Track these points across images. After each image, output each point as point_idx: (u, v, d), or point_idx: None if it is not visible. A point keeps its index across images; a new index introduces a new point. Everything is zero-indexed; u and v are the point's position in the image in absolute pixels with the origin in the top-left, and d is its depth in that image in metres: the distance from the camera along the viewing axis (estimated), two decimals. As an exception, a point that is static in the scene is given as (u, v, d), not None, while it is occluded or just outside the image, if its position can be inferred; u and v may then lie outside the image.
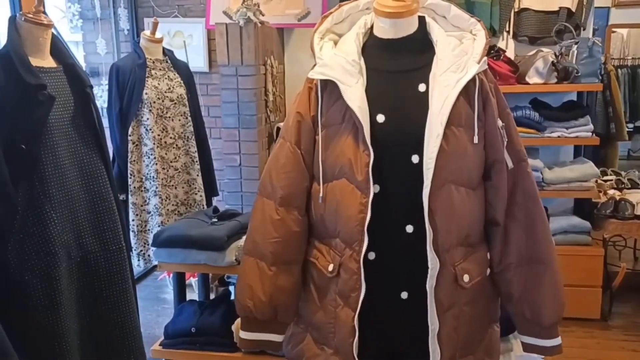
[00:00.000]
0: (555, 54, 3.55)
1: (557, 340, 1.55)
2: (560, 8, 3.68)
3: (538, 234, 1.51)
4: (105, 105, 3.11)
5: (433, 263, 1.41)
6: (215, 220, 2.65)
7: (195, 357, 2.56)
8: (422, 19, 1.50)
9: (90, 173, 1.95)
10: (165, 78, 3.01)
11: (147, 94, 2.90)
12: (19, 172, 1.74)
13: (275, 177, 1.53)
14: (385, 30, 1.48)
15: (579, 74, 3.50)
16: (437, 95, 1.41)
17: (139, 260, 2.99)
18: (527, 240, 1.51)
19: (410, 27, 1.48)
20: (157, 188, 2.96)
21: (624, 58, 6.53)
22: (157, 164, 2.95)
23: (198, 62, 4.15)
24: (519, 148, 1.50)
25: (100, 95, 3.99)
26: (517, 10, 3.74)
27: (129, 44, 4.22)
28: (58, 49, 1.93)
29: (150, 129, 2.92)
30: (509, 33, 3.78)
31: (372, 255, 1.44)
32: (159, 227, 2.96)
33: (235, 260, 2.48)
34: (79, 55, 4.21)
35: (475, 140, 1.42)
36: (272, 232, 1.53)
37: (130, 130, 2.90)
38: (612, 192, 3.74)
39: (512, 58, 3.64)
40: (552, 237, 1.54)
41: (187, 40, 4.16)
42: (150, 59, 2.98)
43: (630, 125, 6.01)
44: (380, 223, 1.42)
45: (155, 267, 3.04)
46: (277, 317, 1.58)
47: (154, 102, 2.92)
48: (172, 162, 3.04)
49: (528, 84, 3.51)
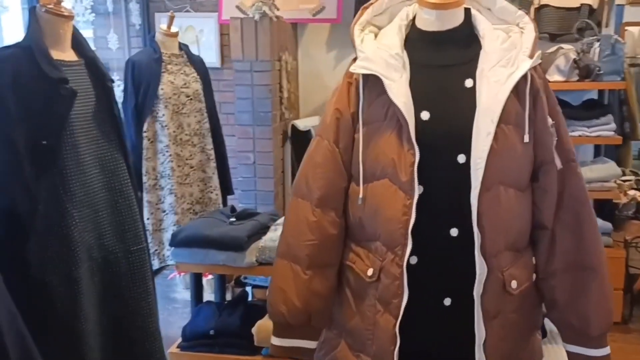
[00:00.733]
0: (577, 51, 3.47)
1: (605, 350, 1.48)
2: (582, 5, 3.61)
3: (586, 239, 1.43)
4: (120, 101, 3.04)
5: (481, 268, 1.34)
6: (234, 220, 2.59)
7: (214, 360, 2.49)
8: (467, 11, 1.43)
9: (112, 170, 1.88)
10: (181, 73, 2.94)
11: (162, 90, 2.83)
12: (40, 169, 1.67)
13: (312, 176, 1.46)
14: (430, 22, 1.41)
15: (601, 72, 3.43)
16: (486, 91, 1.33)
17: (154, 260, 2.91)
18: (574, 246, 1.43)
19: (456, 19, 1.41)
20: (172, 186, 2.89)
21: (636, 57, 6.45)
22: (172, 162, 2.88)
23: (210, 57, 4.07)
24: (569, 147, 1.43)
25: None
26: (537, 7, 3.67)
27: (140, 39, 4.16)
28: (78, 42, 1.86)
29: (166, 126, 2.85)
30: (529, 30, 3.70)
31: (414, 260, 1.37)
32: (174, 226, 2.90)
33: (256, 261, 2.41)
34: (89, 51, 4.13)
35: (526, 139, 1.35)
36: (307, 234, 1.46)
37: (146, 127, 2.83)
38: (632, 192, 3.66)
39: (532, 55, 3.55)
40: (602, 242, 1.47)
41: (198, 35, 4.09)
42: (166, 54, 2.91)
43: (642, 125, 5.95)
44: (424, 226, 1.35)
45: (165, 266, 2.98)
46: (310, 322, 1.51)
47: (170, 97, 2.85)
48: (187, 159, 2.97)
49: (549, 82, 3.43)
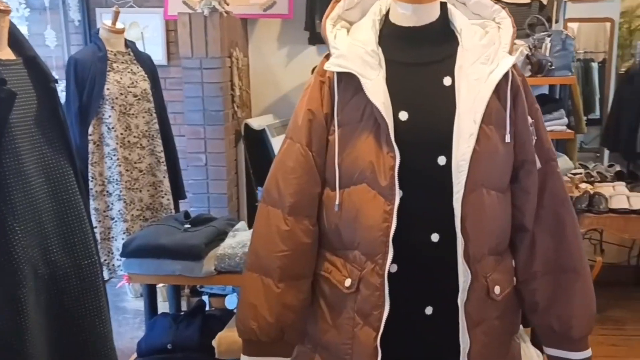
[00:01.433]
0: (529, 47, 3.50)
1: (587, 353, 1.44)
2: (532, 0, 3.64)
3: (567, 240, 1.39)
4: (62, 102, 2.84)
5: (465, 275, 1.27)
6: (189, 227, 2.45)
7: (172, 375, 2.36)
8: (443, 5, 1.36)
9: (58, 179, 1.72)
10: (128, 72, 2.78)
11: (108, 89, 2.66)
12: (-25, 180, 1.50)
13: (283, 182, 1.36)
14: (406, 17, 1.33)
15: (553, 67, 3.46)
16: (466, 90, 1.27)
17: (103, 271, 2.74)
18: (555, 247, 1.39)
19: (433, 14, 1.34)
20: (120, 192, 2.73)
21: (576, 52, 6.63)
22: (120, 166, 2.72)
23: (156, 54, 3.88)
24: (548, 146, 1.39)
25: (53, 92, 3.69)
26: (488, 2, 3.66)
27: (81, 36, 3.95)
28: (17, 40, 1.69)
29: (113, 128, 2.69)
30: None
31: (393, 268, 1.30)
32: (124, 234, 2.73)
33: (214, 270, 2.29)
34: (25, 48, 3.88)
35: (507, 139, 1.29)
36: (279, 244, 1.36)
37: (91, 129, 2.66)
38: (584, 185, 3.73)
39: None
40: (582, 243, 1.43)
41: (143, 32, 3.91)
42: (112, 52, 2.74)
43: (584, 118, 6.12)
44: (403, 232, 1.27)
45: (113, 274, 2.82)
46: (283, 338, 1.42)
47: (117, 97, 2.69)
48: (136, 163, 2.81)
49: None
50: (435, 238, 1.29)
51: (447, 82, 1.30)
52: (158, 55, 3.95)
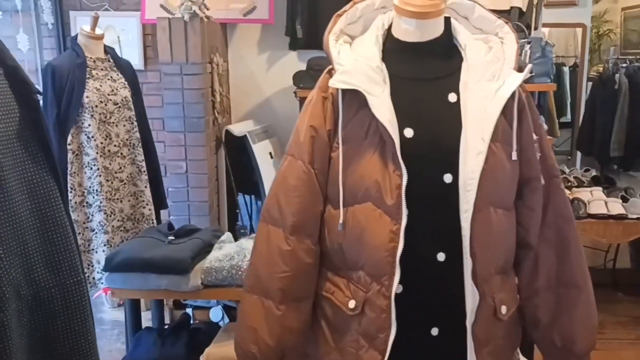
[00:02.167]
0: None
1: (590, 369, 1.44)
2: (512, 7, 3.65)
3: (571, 257, 1.38)
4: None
5: (473, 296, 1.25)
6: (173, 239, 2.38)
7: (158, 393, 2.29)
8: (447, 21, 1.33)
9: (42, 195, 1.64)
10: (108, 79, 2.70)
11: (88, 97, 2.57)
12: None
13: (285, 201, 1.32)
14: (410, 32, 1.30)
15: (533, 74, 3.48)
16: (472, 107, 1.25)
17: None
18: (558, 264, 1.38)
19: (437, 29, 1.32)
20: (101, 202, 2.64)
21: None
22: (100, 176, 2.63)
23: (132, 58, 3.76)
24: (552, 163, 1.38)
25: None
26: (468, 9, 3.66)
27: (54, 40, 3.82)
28: (-4, 48, 1.61)
29: (92, 137, 2.60)
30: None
31: (399, 289, 1.27)
32: (105, 246, 2.65)
33: (201, 284, 2.23)
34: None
35: (514, 157, 1.28)
36: (280, 265, 1.32)
37: (70, 139, 2.57)
38: (563, 191, 3.75)
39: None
40: (585, 259, 1.42)
41: (120, 36, 3.81)
42: (91, 58, 2.65)
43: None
44: (409, 252, 1.25)
45: (94, 287, 2.74)
46: None
47: (96, 106, 2.61)
48: (116, 172, 2.73)
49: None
50: (442, 257, 1.27)
51: (452, 98, 1.28)
52: (135, 60, 3.84)
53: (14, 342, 1.53)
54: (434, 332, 1.30)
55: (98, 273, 2.65)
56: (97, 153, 2.62)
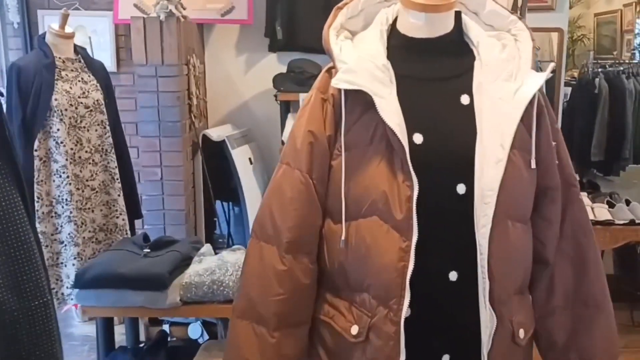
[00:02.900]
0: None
1: (610, 395, 1.33)
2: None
3: (590, 273, 1.27)
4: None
5: (489, 320, 1.13)
6: (149, 251, 2.22)
7: (133, 417, 2.13)
8: (457, 15, 1.21)
9: (4, 209, 1.47)
10: (79, 81, 2.53)
11: (56, 100, 2.40)
12: None
13: (280, 215, 1.18)
14: (418, 28, 1.18)
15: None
16: (488, 110, 1.13)
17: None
18: (576, 281, 1.27)
19: (448, 24, 1.19)
20: (70, 212, 2.47)
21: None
22: (70, 184, 2.46)
23: (105, 60, 3.58)
24: (569, 171, 1.26)
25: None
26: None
27: (20, 40, 3.65)
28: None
29: (62, 142, 2.43)
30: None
31: (407, 312, 1.14)
32: (75, 259, 2.48)
33: (180, 301, 2.08)
34: (-44, 52, 3.56)
35: (533, 165, 1.16)
36: (275, 287, 1.18)
37: (37, 145, 2.39)
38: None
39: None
40: (605, 276, 1.31)
41: (91, 37, 3.64)
42: (60, 58, 2.48)
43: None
44: (419, 271, 1.12)
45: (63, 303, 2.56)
46: None
47: (66, 109, 2.44)
48: (88, 180, 2.56)
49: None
50: (454, 277, 1.14)
51: (464, 100, 1.16)
52: (107, 62, 3.67)
53: (-28, 372, 1.37)
54: (445, 359, 1.17)
55: (67, 288, 2.47)
56: (66, 160, 2.44)
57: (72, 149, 2.48)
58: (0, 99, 1.57)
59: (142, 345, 2.39)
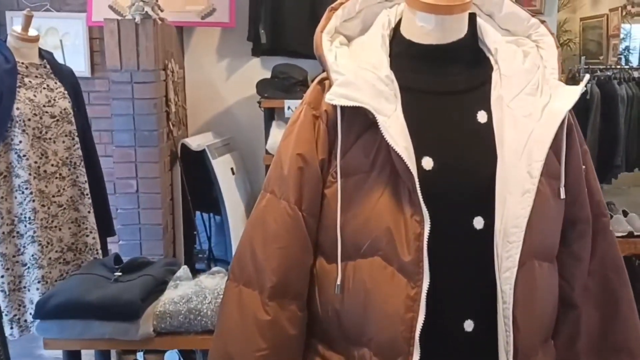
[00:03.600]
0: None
1: None
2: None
3: (622, 317, 1.11)
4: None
5: None
6: (120, 275, 2.03)
7: None
8: (471, 18, 1.04)
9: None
10: (44, 88, 2.31)
11: (18, 109, 2.19)
12: None
13: (263, 253, 1.00)
14: (426, 33, 1.00)
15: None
16: (510, 129, 0.96)
17: (12, 329, 2.25)
18: (604, 323, 1.11)
19: (461, 28, 1.02)
20: (34, 232, 2.25)
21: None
22: (34, 201, 2.24)
23: (78, 65, 3.45)
24: (599, 199, 1.10)
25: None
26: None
27: (-13, 43, 3.41)
28: None
29: (24, 155, 2.22)
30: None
31: None
32: (39, 282, 2.26)
33: (153, 332, 1.89)
34: None
35: (562, 195, 0.99)
36: (257, 341, 0.99)
37: (-4, 158, 2.18)
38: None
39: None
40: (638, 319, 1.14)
41: (63, 40, 3.44)
42: (23, 63, 2.27)
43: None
44: (429, 321, 0.94)
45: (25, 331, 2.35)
46: None
47: (29, 119, 2.22)
48: (54, 196, 2.35)
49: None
50: (469, 327, 0.97)
51: (482, 118, 0.99)
52: (80, 67, 3.52)
53: None
54: None
55: (30, 314, 2.26)
56: (29, 174, 2.23)
57: (36, 163, 2.26)
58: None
59: (113, 378, 2.19)
